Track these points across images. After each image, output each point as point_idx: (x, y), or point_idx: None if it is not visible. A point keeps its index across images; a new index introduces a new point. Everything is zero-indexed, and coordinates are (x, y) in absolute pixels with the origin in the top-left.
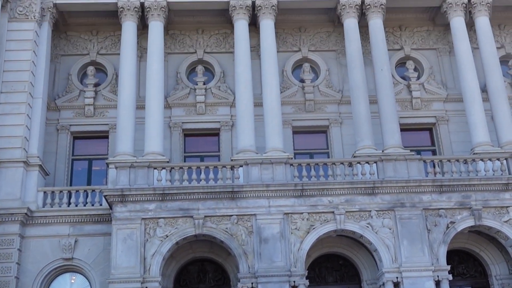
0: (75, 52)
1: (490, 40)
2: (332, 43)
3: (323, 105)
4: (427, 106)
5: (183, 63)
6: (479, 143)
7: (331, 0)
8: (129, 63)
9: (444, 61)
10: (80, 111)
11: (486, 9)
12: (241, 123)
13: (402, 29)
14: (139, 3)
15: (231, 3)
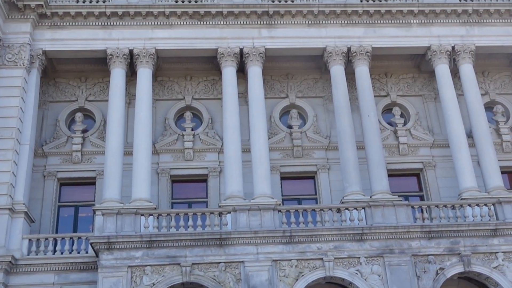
0: (64, 99)
1: (474, 86)
2: (319, 89)
3: (311, 151)
4: (414, 152)
5: (171, 109)
6: (466, 189)
7: (318, 48)
8: (117, 109)
9: (430, 107)
10: (67, 157)
11: (470, 56)
12: (229, 169)
13: (388, 76)
14: (128, 50)
15: (219, 51)
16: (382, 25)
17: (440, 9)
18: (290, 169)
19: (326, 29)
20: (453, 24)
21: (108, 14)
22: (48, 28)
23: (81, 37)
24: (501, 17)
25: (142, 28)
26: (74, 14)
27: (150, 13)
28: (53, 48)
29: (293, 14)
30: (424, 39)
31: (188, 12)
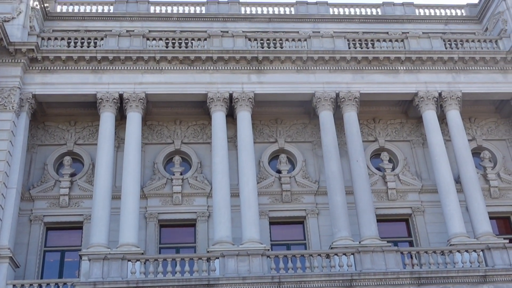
0: (52, 142)
1: (461, 132)
2: (308, 134)
3: (300, 196)
4: (403, 197)
5: (160, 153)
6: (455, 234)
7: (307, 93)
8: (106, 153)
9: (418, 152)
10: (54, 201)
11: (457, 103)
12: (217, 214)
13: (376, 121)
14: (118, 95)
15: (209, 95)
16: (370, 71)
17: (426, 56)
18: (279, 214)
19: (315, 75)
20: (440, 71)
21: (98, 58)
22: (39, 72)
23: (71, 81)
24: (486, 64)
25: (132, 73)
26: (65, 58)
27: (140, 58)
28: (43, 92)
29: (282, 60)
30: (411, 85)
31: (178, 57)
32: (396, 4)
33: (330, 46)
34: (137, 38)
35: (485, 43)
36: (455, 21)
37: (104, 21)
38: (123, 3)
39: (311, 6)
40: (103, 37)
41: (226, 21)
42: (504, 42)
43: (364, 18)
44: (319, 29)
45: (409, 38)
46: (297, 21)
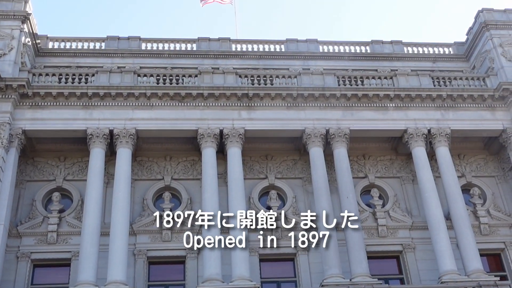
0: (41, 178)
1: (451, 169)
2: (299, 170)
3: (289, 232)
4: (393, 233)
5: (150, 189)
6: (446, 272)
7: (297, 130)
8: (95, 189)
9: (408, 189)
10: (42, 238)
11: (446, 139)
12: (207, 250)
13: (366, 158)
14: (108, 131)
15: (200, 131)
16: (359, 108)
17: (415, 94)
18: (269, 251)
19: (305, 111)
20: (429, 108)
21: (89, 94)
22: (29, 107)
23: (61, 117)
24: (475, 102)
25: (123, 109)
26: (55, 94)
27: (131, 94)
28: (33, 127)
29: (272, 97)
30: (400, 122)
31: (169, 93)
32: (385, 42)
33: (320, 83)
34: (128, 74)
35: (473, 81)
36: (443, 59)
37: (95, 57)
38: (115, 40)
39: (301, 43)
40: (94, 73)
41: (217, 58)
42: (492, 80)
43: (354, 56)
44: (309, 66)
45: (398, 76)
46: (287, 58)
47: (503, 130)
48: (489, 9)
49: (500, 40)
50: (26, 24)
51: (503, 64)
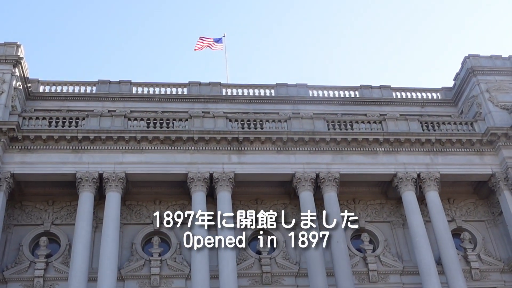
0: (29, 222)
1: (441, 214)
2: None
3: (281, 278)
4: (384, 278)
5: (138, 234)
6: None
7: (287, 174)
8: (83, 234)
9: (398, 233)
10: (29, 283)
11: (435, 184)
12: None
13: (356, 202)
14: (98, 174)
15: (189, 175)
16: (349, 152)
17: (404, 138)
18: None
19: (295, 155)
20: (418, 152)
21: (79, 138)
22: (19, 151)
23: (51, 161)
24: (463, 146)
25: (113, 152)
26: (45, 138)
27: (121, 138)
28: (22, 171)
29: (262, 141)
30: (390, 166)
31: (159, 137)
32: (374, 87)
33: (310, 127)
34: (119, 118)
35: (461, 126)
36: (431, 103)
37: (86, 101)
38: (106, 84)
39: (291, 88)
40: (85, 117)
41: (208, 102)
42: (480, 124)
43: (343, 100)
44: (299, 110)
45: (387, 120)
46: (277, 102)
47: (492, 174)
48: (475, 55)
49: (487, 85)
50: (17, 68)
51: (491, 109)
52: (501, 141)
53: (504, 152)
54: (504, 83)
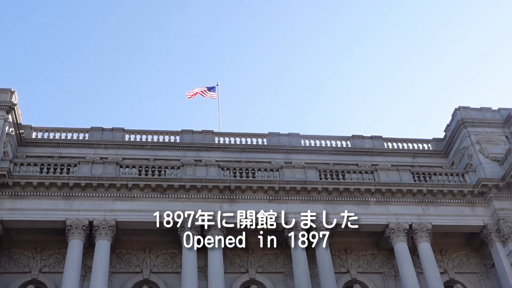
0: (16, 270)
1: (433, 265)
2: (280, 265)
3: None
4: None
5: (128, 282)
6: None
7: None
8: (71, 282)
9: (390, 285)
10: None
11: (427, 235)
12: None
13: (348, 252)
14: (88, 222)
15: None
16: (341, 202)
17: (396, 189)
18: None
19: (287, 205)
20: (410, 203)
21: (71, 185)
22: (9, 197)
23: (41, 207)
24: (455, 197)
25: (104, 200)
26: (36, 184)
27: (113, 185)
28: (11, 218)
29: (254, 190)
30: (382, 217)
31: (151, 185)
32: (365, 137)
33: (302, 177)
34: (111, 165)
35: (452, 177)
36: (423, 154)
37: (78, 148)
38: (99, 131)
39: (283, 137)
40: (77, 163)
41: (200, 150)
42: (471, 176)
43: (335, 150)
44: (291, 159)
45: (379, 170)
46: (269, 151)
47: (483, 226)
48: (465, 107)
49: (477, 137)
50: (10, 114)
51: (481, 161)
52: (492, 193)
53: (495, 204)
54: (494, 135)
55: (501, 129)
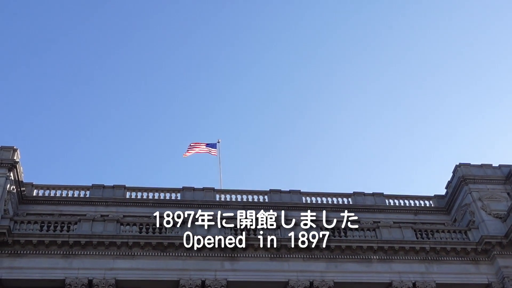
0: None
1: None
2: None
3: None
4: None
5: None
6: None
7: (281, 282)
8: None
9: None
10: None
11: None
12: None
13: None
14: (87, 280)
15: (181, 283)
16: (343, 260)
17: (398, 246)
18: None
19: (289, 262)
20: (413, 260)
21: (70, 243)
22: (8, 256)
23: (40, 266)
24: (458, 255)
25: (104, 258)
26: (36, 242)
27: (113, 243)
28: (10, 277)
29: (255, 248)
30: (385, 275)
31: (151, 243)
32: (367, 194)
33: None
34: (111, 223)
35: (455, 234)
36: (425, 211)
37: (79, 205)
38: (100, 188)
39: (285, 194)
40: (77, 221)
41: (201, 207)
42: (473, 233)
43: (336, 207)
44: (292, 216)
45: (381, 228)
46: (270, 208)
47: (488, 284)
48: (466, 164)
49: (479, 194)
50: (12, 172)
51: (484, 218)
52: (496, 250)
53: (499, 261)
54: (496, 192)
55: (502, 186)
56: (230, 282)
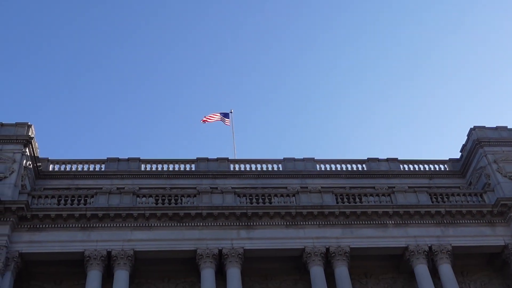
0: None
1: (455, 287)
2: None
3: None
4: None
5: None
6: None
7: (297, 249)
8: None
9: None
10: None
11: (448, 256)
12: None
13: (368, 276)
14: (106, 252)
15: (198, 252)
16: (359, 225)
17: (414, 211)
18: None
19: (304, 230)
20: (428, 224)
21: (88, 216)
22: (27, 230)
23: (59, 239)
24: (474, 218)
25: (122, 230)
26: (54, 216)
27: (130, 215)
28: (30, 250)
29: (271, 216)
30: (401, 239)
31: (168, 214)
32: (381, 160)
33: (319, 201)
34: (127, 195)
35: (470, 197)
36: (439, 175)
37: (95, 179)
38: (115, 161)
39: (298, 162)
40: (94, 194)
41: (216, 177)
42: (489, 195)
43: (351, 174)
44: (306, 184)
45: (396, 193)
46: (285, 177)
47: (504, 246)
48: (481, 126)
49: (494, 156)
50: (28, 148)
51: (500, 180)
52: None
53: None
54: (511, 154)
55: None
56: (247, 250)
